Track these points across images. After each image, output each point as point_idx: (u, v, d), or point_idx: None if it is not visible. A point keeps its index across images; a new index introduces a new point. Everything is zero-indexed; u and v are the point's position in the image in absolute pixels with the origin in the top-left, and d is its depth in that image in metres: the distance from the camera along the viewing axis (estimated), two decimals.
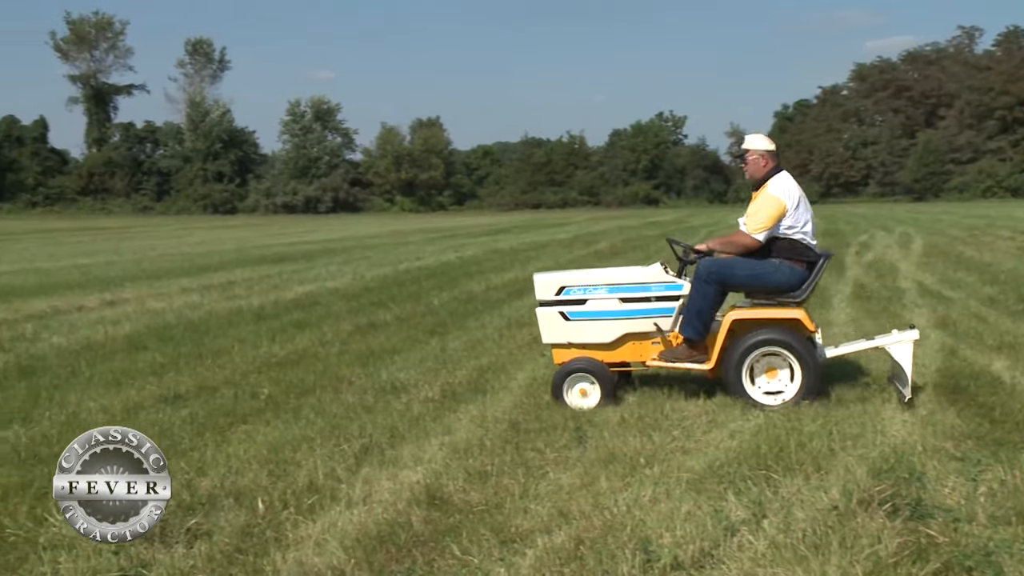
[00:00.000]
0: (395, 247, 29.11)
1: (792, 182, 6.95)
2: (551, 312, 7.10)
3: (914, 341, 6.64)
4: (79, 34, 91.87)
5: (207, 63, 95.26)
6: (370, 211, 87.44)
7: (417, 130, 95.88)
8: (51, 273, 20.14)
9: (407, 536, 4.27)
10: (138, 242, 35.25)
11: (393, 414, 6.60)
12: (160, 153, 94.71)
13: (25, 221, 68.59)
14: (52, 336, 10.41)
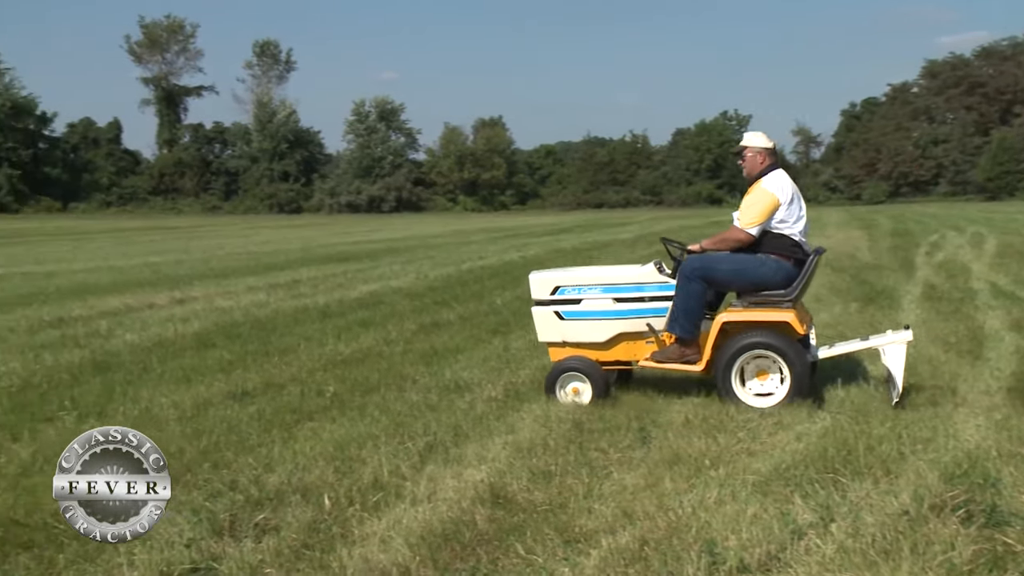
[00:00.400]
0: (458, 246, 29.24)
1: (786, 179, 6.91)
2: (546, 311, 7.15)
3: (907, 342, 6.60)
4: (152, 37, 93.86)
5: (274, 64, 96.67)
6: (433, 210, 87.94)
7: (480, 130, 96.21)
8: (124, 271, 20.59)
9: (471, 534, 4.29)
10: (206, 241, 35.88)
11: (457, 413, 6.63)
12: (228, 153, 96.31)
13: (99, 220, 70.17)
14: (125, 333, 10.65)
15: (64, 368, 8.50)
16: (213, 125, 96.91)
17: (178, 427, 6.30)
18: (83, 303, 13.80)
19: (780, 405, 6.49)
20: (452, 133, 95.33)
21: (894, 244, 24.65)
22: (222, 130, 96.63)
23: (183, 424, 6.38)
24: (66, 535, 4.30)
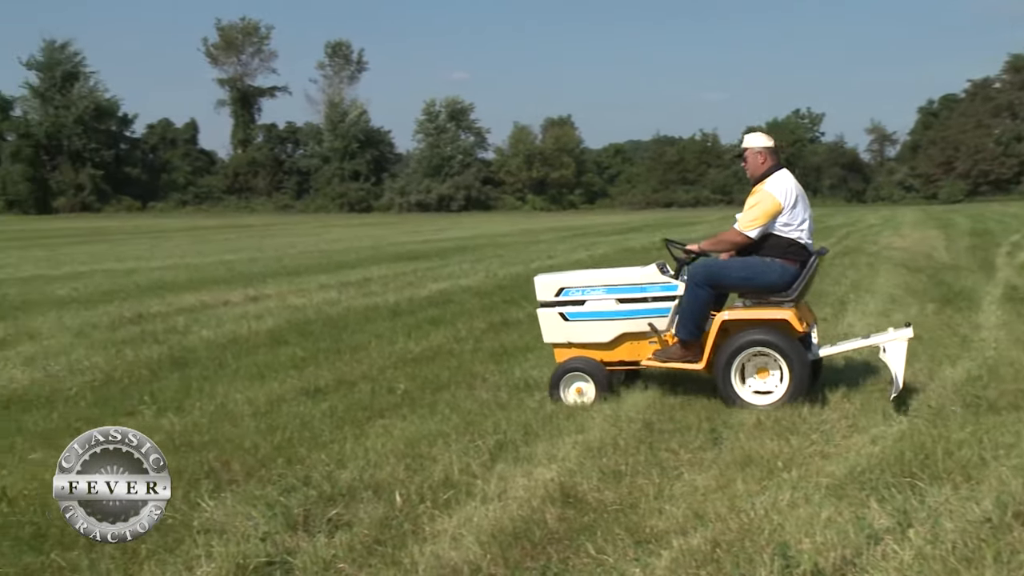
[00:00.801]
0: (526, 245, 29.27)
1: (790, 180, 6.87)
2: (551, 313, 7.23)
3: (908, 339, 6.56)
4: (228, 40, 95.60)
5: (346, 65, 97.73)
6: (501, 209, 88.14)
7: (549, 129, 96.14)
8: (200, 269, 21.00)
9: (542, 533, 4.29)
10: (279, 239, 36.43)
11: (527, 411, 6.64)
12: (300, 153, 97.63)
13: (176, 219, 71.72)
14: (201, 329, 10.86)
15: (143, 363, 8.71)
16: (286, 125, 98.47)
17: (253, 422, 6.40)
18: (161, 300, 14.12)
19: (779, 403, 6.50)
20: (521, 132, 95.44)
21: (973, 244, 24.06)
22: (294, 130, 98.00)
23: (257, 419, 6.49)
24: None
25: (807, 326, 6.85)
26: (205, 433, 6.13)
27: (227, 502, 4.72)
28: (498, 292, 14.88)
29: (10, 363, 8.69)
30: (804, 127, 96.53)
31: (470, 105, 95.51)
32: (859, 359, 8.14)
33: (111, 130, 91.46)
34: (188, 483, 5.02)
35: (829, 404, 6.61)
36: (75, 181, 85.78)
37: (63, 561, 4.02)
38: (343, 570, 3.99)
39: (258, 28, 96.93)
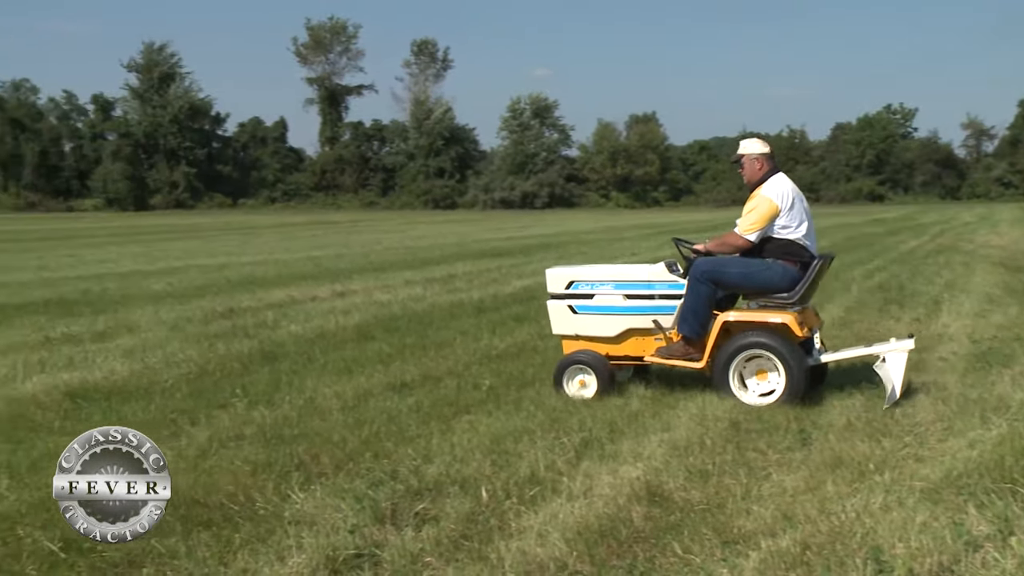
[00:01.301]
0: (610, 243, 29.15)
1: (787, 184, 7.00)
2: (560, 305, 7.39)
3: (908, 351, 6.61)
4: (316, 39, 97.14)
5: (431, 63, 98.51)
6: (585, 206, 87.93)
7: (633, 126, 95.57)
8: (288, 264, 21.40)
9: (628, 532, 4.27)
10: (365, 236, 36.91)
11: (611, 409, 6.62)
12: (386, 150, 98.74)
13: (265, 216, 73.16)
14: (290, 324, 11.07)
15: (235, 357, 8.90)
16: (372, 123, 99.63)
17: (341, 416, 6.50)
18: (251, 295, 14.43)
19: (775, 404, 6.53)
20: (605, 129, 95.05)
21: None
22: (380, 128, 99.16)
23: (345, 414, 6.58)
24: (240, 516, 4.52)
25: (809, 331, 6.89)
26: (295, 426, 6.25)
27: (316, 494, 4.80)
28: None
29: (111, 355, 8.98)
30: (896, 122, 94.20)
31: (554, 102, 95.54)
32: (960, 361, 7.94)
33: (204, 129, 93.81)
34: (279, 475, 5.12)
35: (922, 406, 6.45)
36: (170, 179, 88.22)
37: (162, 548, 4.13)
38: (430, 564, 4.03)
39: (346, 27, 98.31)
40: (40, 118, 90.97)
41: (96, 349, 9.39)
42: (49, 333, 10.46)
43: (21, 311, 12.48)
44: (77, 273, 19.37)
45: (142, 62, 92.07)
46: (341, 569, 3.97)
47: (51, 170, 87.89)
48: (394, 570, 3.97)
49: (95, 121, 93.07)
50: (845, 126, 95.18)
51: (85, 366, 8.48)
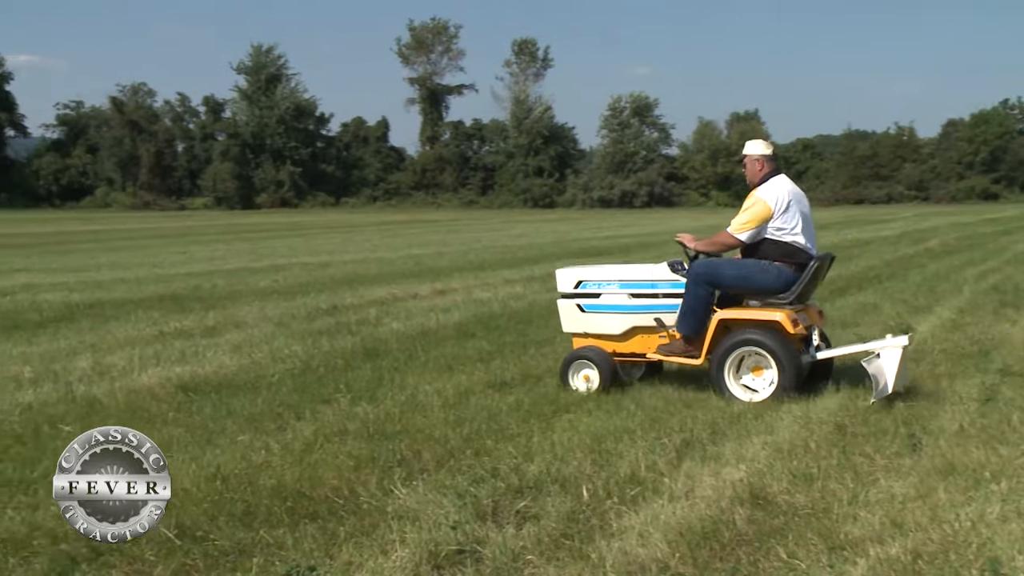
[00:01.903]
0: None
1: (785, 187, 7.09)
2: (570, 304, 7.64)
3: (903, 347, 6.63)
4: (419, 39, 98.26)
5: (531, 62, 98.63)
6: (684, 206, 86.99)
7: (734, 124, 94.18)
8: (389, 262, 21.72)
9: (731, 534, 4.22)
10: (464, 234, 37.19)
11: (713, 410, 6.55)
12: (485, 150, 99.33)
13: (367, 214, 74.32)
14: (392, 321, 11.23)
15: (338, 353, 9.07)
16: (472, 122, 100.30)
17: (442, 414, 6.56)
18: (353, 292, 14.70)
19: (768, 400, 6.68)
20: (706, 128, 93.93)
21: None
22: (480, 127, 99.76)
23: (446, 411, 6.65)
24: (345, 510, 4.61)
25: (805, 328, 6.96)
26: (397, 422, 6.33)
27: (419, 490, 4.87)
28: None
29: (220, 350, 9.25)
30: (1013, 118, 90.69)
31: (655, 100, 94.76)
32: None
33: (309, 129, 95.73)
34: (382, 470, 5.20)
35: None
36: (275, 178, 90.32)
37: (270, 538, 4.24)
38: (531, 562, 4.04)
39: (447, 28, 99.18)
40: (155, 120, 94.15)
41: (206, 344, 9.68)
42: (163, 328, 10.84)
43: (138, 306, 12.95)
44: (188, 270, 20.01)
45: (250, 64, 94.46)
46: (443, 565, 4.01)
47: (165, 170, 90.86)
48: (495, 567, 4.00)
49: (206, 122, 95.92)
50: (957, 122, 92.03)
51: (196, 360, 8.76)
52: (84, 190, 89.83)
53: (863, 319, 11.02)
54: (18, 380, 7.90)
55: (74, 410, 6.81)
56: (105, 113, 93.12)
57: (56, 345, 9.87)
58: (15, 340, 10.20)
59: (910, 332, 7.01)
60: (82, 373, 8.20)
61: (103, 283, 17.06)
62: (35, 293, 15.10)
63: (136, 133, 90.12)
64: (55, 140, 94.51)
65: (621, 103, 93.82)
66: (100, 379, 7.93)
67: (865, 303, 12.60)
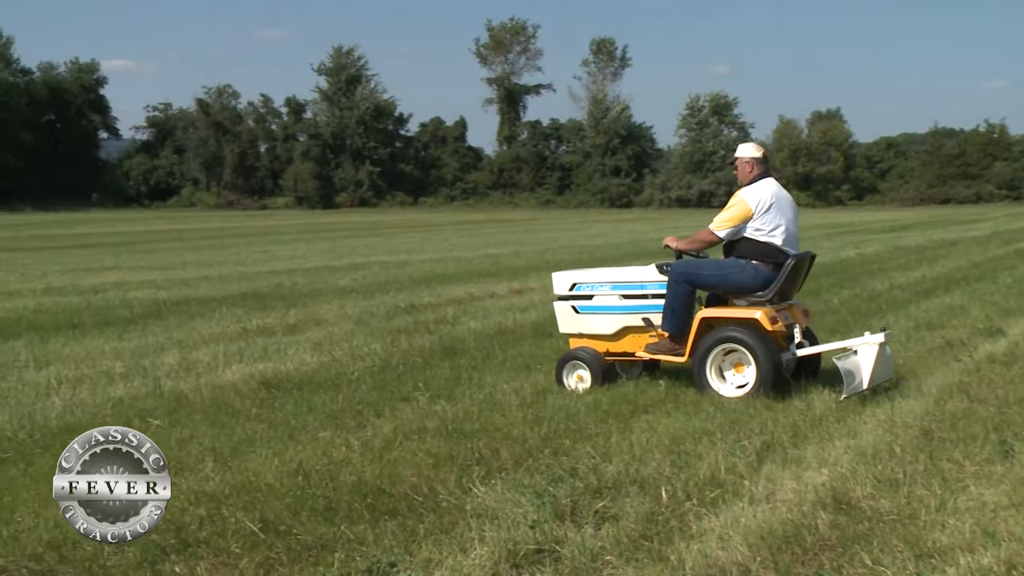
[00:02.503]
0: None
1: (769, 189, 7.25)
2: (565, 306, 7.86)
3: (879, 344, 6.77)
4: (497, 40, 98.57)
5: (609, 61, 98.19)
6: None
7: (816, 123, 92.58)
8: (467, 262, 21.85)
9: (813, 539, 4.16)
10: (541, 234, 37.23)
11: (794, 412, 6.46)
12: (563, 149, 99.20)
13: (444, 214, 74.79)
14: (469, 320, 11.30)
15: (417, 351, 9.16)
16: (549, 122, 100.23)
17: (520, 413, 6.58)
18: (431, 291, 14.82)
19: (748, 395, 6.83)
20: (786, 127, 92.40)
21: None
22: (558, 127, 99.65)
23: (524, 410, 6.66)
24: (424, 507, 4.65)
25: (786, 326, 7.12)
26: (475, 421, 6.37)
27: (497, 488, 4.88)
28: None
29: (301, 347, 9.40)
30: None
31: (734, 100, 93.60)
32: None
33: (388, 129, 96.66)
34: (460, 468, 5.23)
35: None
36: (355, 178, 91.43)
37: (351, 534, 4.30)
38: (610, 563, 4.03)
39: (525, 27, 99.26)
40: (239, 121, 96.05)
41: (288, 341, 9.85)
42: (246, 325, 11.07)
43: (222, 303, 13.25)
44: (270, 268, 20.39)
45: (331, 65, 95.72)
46: (522, 563, 4.02)
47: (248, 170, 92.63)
48: (574, 567, 3.99)
49: (288, 123, 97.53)
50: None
51: (278, 357, 8.92)
52: (171, 190, 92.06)
53: (950, 321, 10.75)
54: (110, 375, 8.15)
55: (162, 405, 7.00)
56: (191, 115, 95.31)
57: (145, 341, 10.15)
58: (107, 336, 10.52)
59: (888, 330, 7.20)
60: (169, 369, 8.43)
61: (189, 281, 17.50)
62: (125, 291, 15.56)
63: (221, 134, 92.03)
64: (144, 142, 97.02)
65: (699, 102, 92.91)
66: (186, 375, 8.13)
67: (952, 305, 12.29)
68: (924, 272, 17.20)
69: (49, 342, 10.12)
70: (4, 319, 12.03)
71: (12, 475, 5.27)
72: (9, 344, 10.00)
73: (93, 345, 9.91)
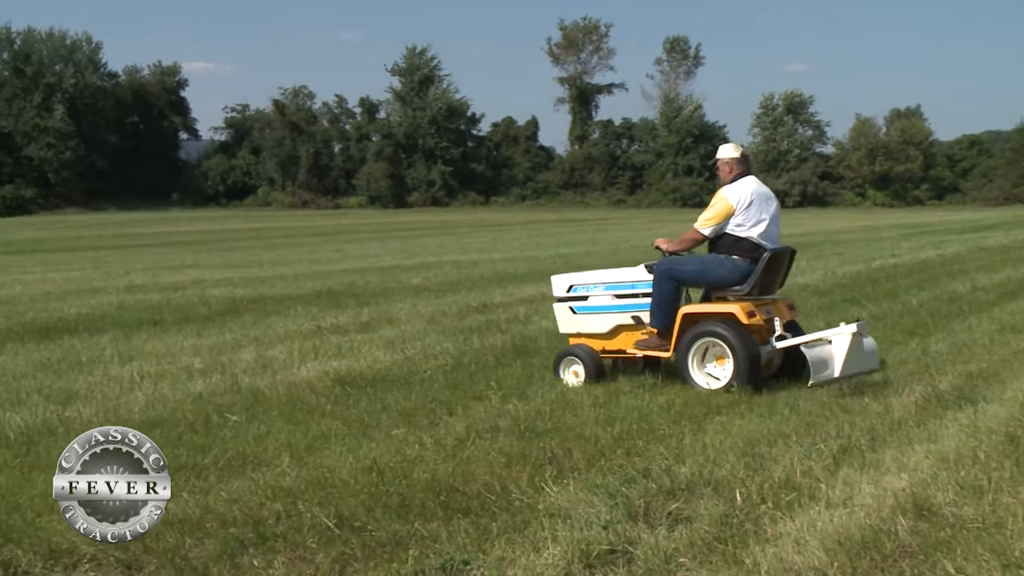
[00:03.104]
0: (867, 243, 27.88)
1: (749, 187, 7.53)
2: (564, 307, 8.21)
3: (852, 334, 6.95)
4: (569, 39, 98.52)
5: (683, 60, 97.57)
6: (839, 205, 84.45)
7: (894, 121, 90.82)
8: (538, 261, 21.86)
9: (893, 545, 4.07)
10: (612, 234, 37.11)
11: (872, 416, 6.34)
12: (634, 149, 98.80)
13: (515, 213, 74.99)
14: (541, 320, 11.29)
15: (489, 350, 9.18)
16: (621, 121, 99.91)
17: (592, 412, 6.56)
18: (503, 290, 14.87)
19: (727, 386, 7.11)
20: (863, 125, 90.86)
21: None
22: (630, 126, 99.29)
23: (596, 410, 6.64)
24: (497, 506, 4.66)
25: (764, 320, 7.37)
26: (547, 420, 6.37)
27: (570, 488, 4.87)
28: (837, 291, 14.34)
29: (374, 345, 9.50)
30: None
31: (809, 98, 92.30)
32: None
33: (460, 129, 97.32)
34: (533, 467, 5.23)
35: None
36: (427, 177, 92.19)
37: (424, 531, 4.33)
38: (683, 565, 4.00)
39: (598, 26, 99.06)
40: (314, 122, 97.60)
41: (361, 339, 9.95)
42: (320, 323, 11.22)
43: (296, 301, 13.45)
44: (343, 267, 20.65)
45: (404, 66, 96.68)
46: (595, 564, 4.01)
47: (322, 170, 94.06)
48: (648, 569, 3.97)
49: (361, 123, 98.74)
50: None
51: (352, 354, 9.02)
52: (247, 189, 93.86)
53: None
54: (189, 371, 8.33)
55: (239, 400, 7.13)
56: (268, 115, 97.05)
57: (223, 338, 10.36)
58: (186, 332, 10.76)
59: (861, 320, 7.43)
60: (246, 365, 8.58)
61: (265, 279, 17.81)
62: (203, 288, 15.90)
63: (296, 134, 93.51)
64: (222, 142, 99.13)
65: (774, 101, 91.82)
66: (263, 371, 8.27)
67: None
68: (1009, 273, 16.76)
69: (132, 338, 10.39)
70: (90, 315, 12.37)
71: None
72: (95, 339, 10.29)
73: (173, 341, 10.14)
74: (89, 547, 4.10)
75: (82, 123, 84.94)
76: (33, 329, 11.19)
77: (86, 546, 4.10)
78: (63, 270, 21.94)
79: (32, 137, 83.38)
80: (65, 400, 7.18)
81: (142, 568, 4.03)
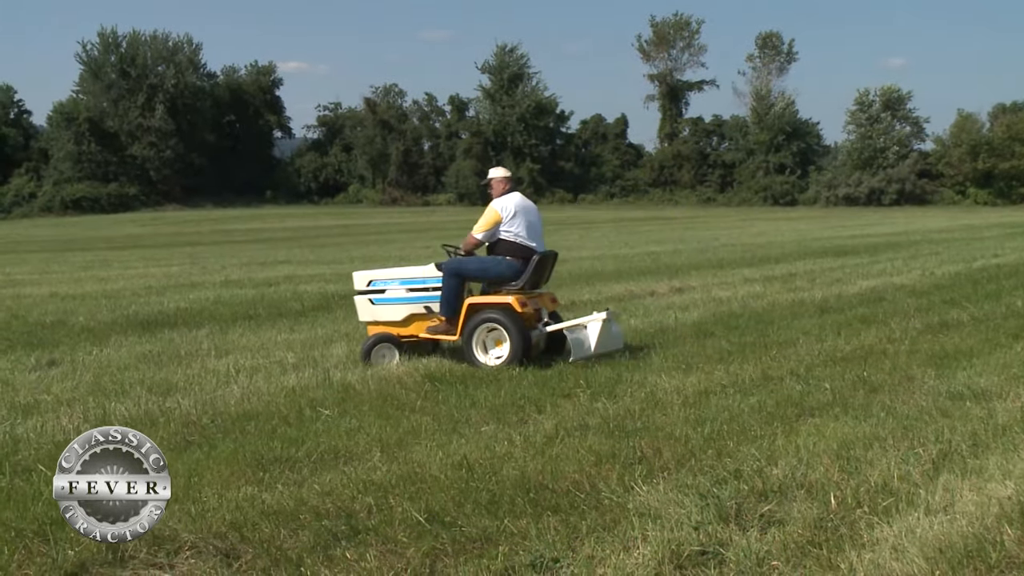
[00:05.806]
0: (968, 242, 27.06)
1: (513, 200, 8.91)
2: (363, 299, 9.16)
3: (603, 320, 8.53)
4: (660, 35, 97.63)
5: (775, 56, 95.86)
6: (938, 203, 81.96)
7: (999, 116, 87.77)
8: (626, 259, 21.75)
9: (998, 555, 3.93)
10: (701, 232, 36.71)
11: (973, 421, 6.14)
12: (725, 146, 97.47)
13: (603, 211, 74.76)
14: (629, 319, 11.24)
15: None
16: (712, 118, 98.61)
17: (681, 412, 6.50)
18: (591, 288, 14.83)
19: (505, 364, 8.29)
20: (965, 121, 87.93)
21: None
22: (720, 123, 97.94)
23: (686, 410, 6.58)
24: (586, 504, 4.66)
25: (535, 309, 8.84)
26: (636, 419, 6.34)
27: (659, 488, 4.84)
28: (936, 291, 13.94)
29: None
30: None
31: (908, 93, 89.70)
32: None
33: (548, 127, 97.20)
34: (623, 466, 5.21)
35: None
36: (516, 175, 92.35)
37: (514, 527, 4.34)
38: (776, 567, 3.94)
39: (689, 23, 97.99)
40: (404, 119, 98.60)
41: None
42: None
43: None
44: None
45: (494, 64, 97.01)
46: (686, 564, 3.97)
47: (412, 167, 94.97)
48: (739, 571, 3.92)
49: (450, 121, 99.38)
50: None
51: (440, 350, 9.10)
52: (338, 187, 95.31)
53: None
54: (283, 365, 8.50)
55: (331, 395, 7.25)
56: (359, 114, 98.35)
57: (315, 333, 10.55)
58: (279, 327, 10.99)
59: (610, 309, 9.02)
60: (338, 360, 8.73)
61: None
62: (296, 284, 16.23)
63: (387, 132, 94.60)
64: (315, 140, 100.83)
65: (870, 96, 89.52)
66: (354, 367, 8.41)
67: None
68: None
69: (228, 332, 10.66)
70: (188, 310, 12.73)
71: (197, 458, 5.55)
72: (193, 333, 10.59)
73: (267, 336, 10.37)
74: (190, 535, 4.22)
75: (182, 122, 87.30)
76: (136, 322, 11.57)
77: (187, 534, 4.23)
78: (163, 265, 22.63)
79: (135, 136, 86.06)
80: (165, 392, 7.41)
81: (239, 557, 4.12)
